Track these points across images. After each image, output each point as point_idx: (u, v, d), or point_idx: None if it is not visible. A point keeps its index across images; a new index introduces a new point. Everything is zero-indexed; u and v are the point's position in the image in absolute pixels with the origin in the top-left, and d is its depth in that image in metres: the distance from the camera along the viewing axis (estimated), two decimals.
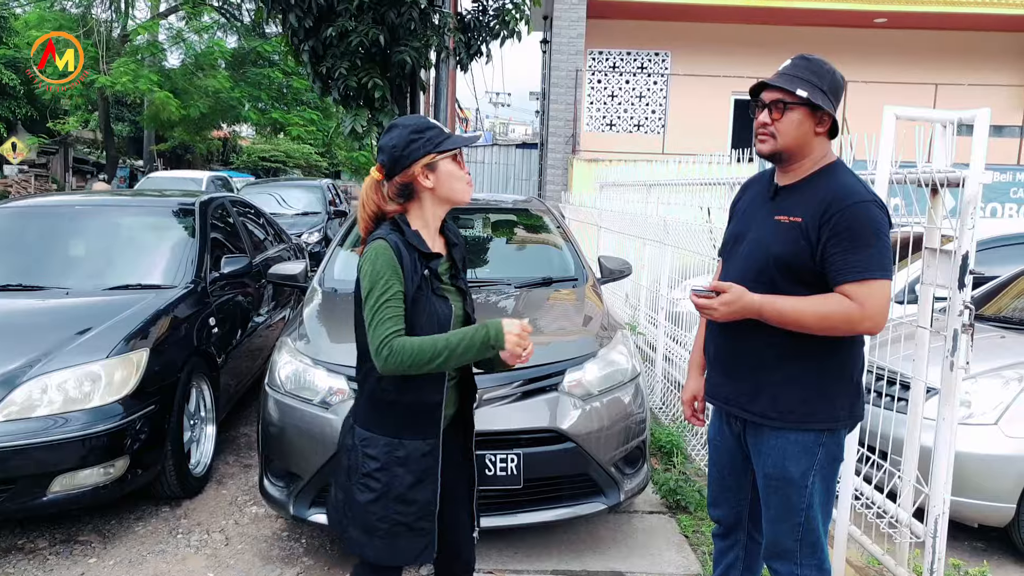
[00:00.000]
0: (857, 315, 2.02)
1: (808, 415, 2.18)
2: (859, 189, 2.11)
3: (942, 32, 14.90)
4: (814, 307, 2.06)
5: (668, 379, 5.45)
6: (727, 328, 2.24)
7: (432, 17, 8.14)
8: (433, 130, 2.07)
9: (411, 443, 2.06)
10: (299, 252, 7.38)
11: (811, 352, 2.14)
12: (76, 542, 3.66)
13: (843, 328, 2.07)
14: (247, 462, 4.67)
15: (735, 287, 2.11)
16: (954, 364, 2.62)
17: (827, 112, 2.15)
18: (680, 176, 5.45)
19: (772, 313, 2.09)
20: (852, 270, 2.03)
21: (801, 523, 2.23)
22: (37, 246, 4.77)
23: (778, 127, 2.15)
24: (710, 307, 2.12)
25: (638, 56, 15.60)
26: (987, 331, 4.15)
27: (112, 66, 20.89)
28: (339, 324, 3.97)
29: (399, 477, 2.05)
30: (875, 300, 2.02)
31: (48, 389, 3.41)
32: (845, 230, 2.04)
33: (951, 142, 2.77)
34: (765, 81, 2.17)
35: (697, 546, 3.60)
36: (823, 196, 2.10)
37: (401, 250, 2.01)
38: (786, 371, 2.18)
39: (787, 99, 2.13)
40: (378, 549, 2.08)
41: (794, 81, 2.12)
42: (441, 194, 2.09)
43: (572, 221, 9.52)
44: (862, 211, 2.05)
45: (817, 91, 2.12)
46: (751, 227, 2.29)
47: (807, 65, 2.16)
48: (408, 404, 2.07)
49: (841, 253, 2.04)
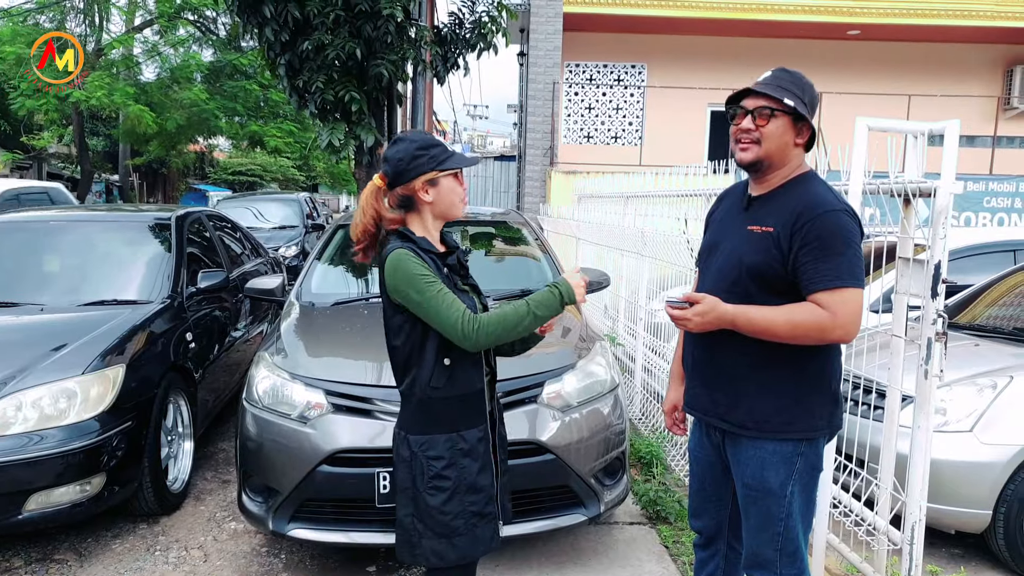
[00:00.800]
0: (828, 323, 2.03)
1: (786, 424, 2.19)
2: (830, 198, 2.13)
3: (915, 44, 15.15)
4: (786, 316, 2.07)
5: (647, 390, 5.47)
6: (704, 338, 2.26)
7: (409, 30, 8.16)
8: (438, 148, 2.17)
9: (469, 433, 2.18)
10: (276, 266, 7.34)
11: (788, 361, 2.16)
12: (52, 560, 3.61)
13: (815, 336, 2.08)
14: (225, 478, 4.62)
15: (708, 298, 2.13)
16: (928, 372, 2.66)
17: (807, 124, 2.17)
18: (657, 188, 5.49)
19: (744, 323, 2.11)
20: (823, 279, 2.04)
21: (780, 533, 2.24)
22: (11, 262, 4.71)
23: (763, 132, 2.16)
24: (684, 318, 2.14)
25: (615, 68, 15.72)
26: (961, 339, 4.21)
27: (86, 80, 20.70)
28: (317, 338, 3.96)
29: (467, 468, 2.16)
30: (846, 308, 2.04)
31: (23, 406, 3.37)
32: (816, 239, 2.06)
33: (923, 153, 2.82)
34: (751, 88, 2.19)
35: (677, 556, 3.60)
36: (794, 206, 2.12)
37: (420, 255, 2.10)
38: (763, 380, 2.20)
39: (773, 106, 2.14)
40: (460, 547, 2.15)
41: (780, 90, 2.15)
42: (438, 209, 2.19)
43: (551, 233, 9.55)
44: (832, 220, 2.07)
45: (800, 103, 2.15)
46: (725, 237, 2.31)
47: (789, 78, 2.18)
48: (459, 397, 2.16)
49: (812, 262, 2.06)
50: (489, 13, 9.14)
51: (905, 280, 2.82)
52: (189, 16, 23.96)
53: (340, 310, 4.30)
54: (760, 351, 2.15)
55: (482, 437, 2.20)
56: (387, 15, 7.52)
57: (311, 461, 3.18)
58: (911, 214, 2.81)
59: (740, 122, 2.20)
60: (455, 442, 2.15)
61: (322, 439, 3.20)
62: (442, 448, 2.14)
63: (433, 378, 2.13)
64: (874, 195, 2.90)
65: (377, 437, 3.16)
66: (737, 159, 2.24)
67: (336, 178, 33.17)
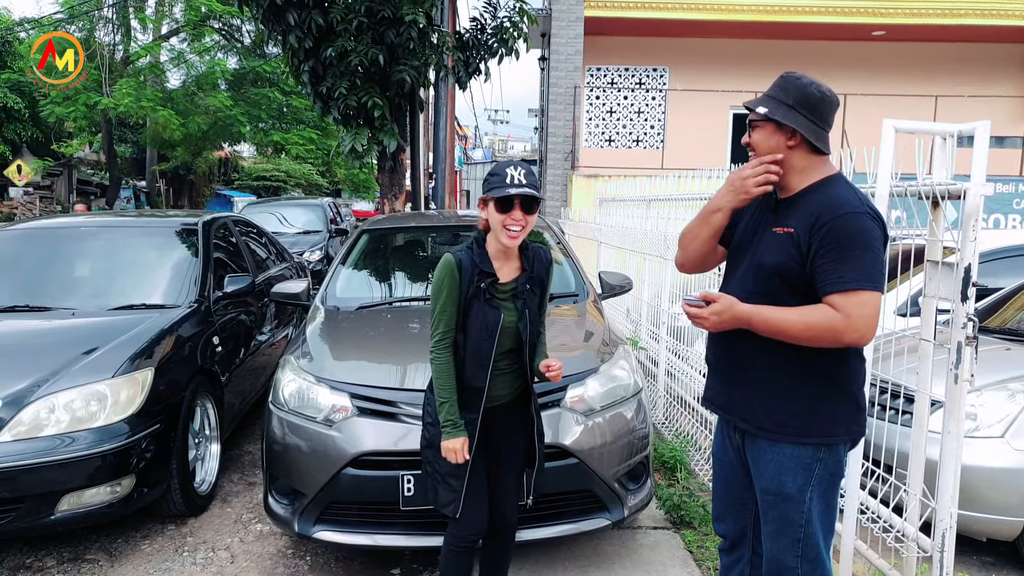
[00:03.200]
0: (842, 325, 2.01)
1: (804, 429, 2.18)
2: (851, 200, 2.11)
3: (941, 44, 14.96)
4: (800, 317, 2.06)
5: (671, 394, 5.45)
6: (726, 338, 2.26)
7: (431, 36, 8.21)
8: (496, 177, 2.51)
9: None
10: (301, 271, 7.40)
11: (808, 365, 2.14)
12: (84, 560, 3.66)
13: (828, 339, 2.06)
14: (252, 480, 4.67)
15: (725, 297, 2.13)
16: (959, 377, 2.62)
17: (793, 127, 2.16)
18: (680, 191, 5.47)
19: (760, 323, 2.11)
20: (838, 280, 2.03)
21: (800, 539, 2.22)
22: (43, 268, 4.79)
23: (753, 142, 2.24)
24: (701, 316, 2.15)
25: (636, 72, 15.68)
26: (992, 343, 4.15)
27: (115, 88, 21.01)
28: (342, 342, 3.98)
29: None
30: (861, 311, 2.01)
31: (55, 408, 3.43)
32: (833, 240, 2.05)
33: (951, 154, 2.78)
34: (744, 103, 2.28)
35: (702, 561, 3.58)
36: (815, 207, 2.12)
37: (464, 264, 2.53)
38: (782, 383, 2.19)
39: (754, 117, 2.22)
40: (423, 488, 2.67)
41: (762, 100, 2.20)
42: (491, 227, 2.54)
43: (572, 237, 9.56)
44: (852, 222, 2.05)
45: (781, 106, 2.16)
46: (752, 239, 2.31)
47: (780, 83, 2.22)
48: (460, 386, 2.56)
49: (828, 263, 2.05)
50: (511, 18, 9.18)
51: (934, 283, 2.79)
52: (214, 24, 24.27)
53: (365, 314, 4.33)
54: (780, 353, 2.14)
55: (469, 422, 2.56)
56: (409, 21, 7.57)
57: (336, 464, 3.20)
58: (940, 216, 2.78)
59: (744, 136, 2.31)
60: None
61: (347, 442, 3.22)
62: (434, 409, 2.58)
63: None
64: (901, 197, 2.87)
65: (401, 440, 3.18)
66: None
67: (357, 185, 33.40)
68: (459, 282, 2.51)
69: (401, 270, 5.16)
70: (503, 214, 2.47)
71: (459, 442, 2.53)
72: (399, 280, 5.01)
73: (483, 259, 2.55)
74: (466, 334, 2.54)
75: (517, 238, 2.49)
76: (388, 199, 9.14)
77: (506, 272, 2.59)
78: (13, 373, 3.55)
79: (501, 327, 2.53)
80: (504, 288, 2.58)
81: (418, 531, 3.23)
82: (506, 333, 2.55)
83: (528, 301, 2.60)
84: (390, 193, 9.12)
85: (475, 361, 2.54)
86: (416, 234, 5.46)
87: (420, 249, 5.35)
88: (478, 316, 2.52)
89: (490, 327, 2.52)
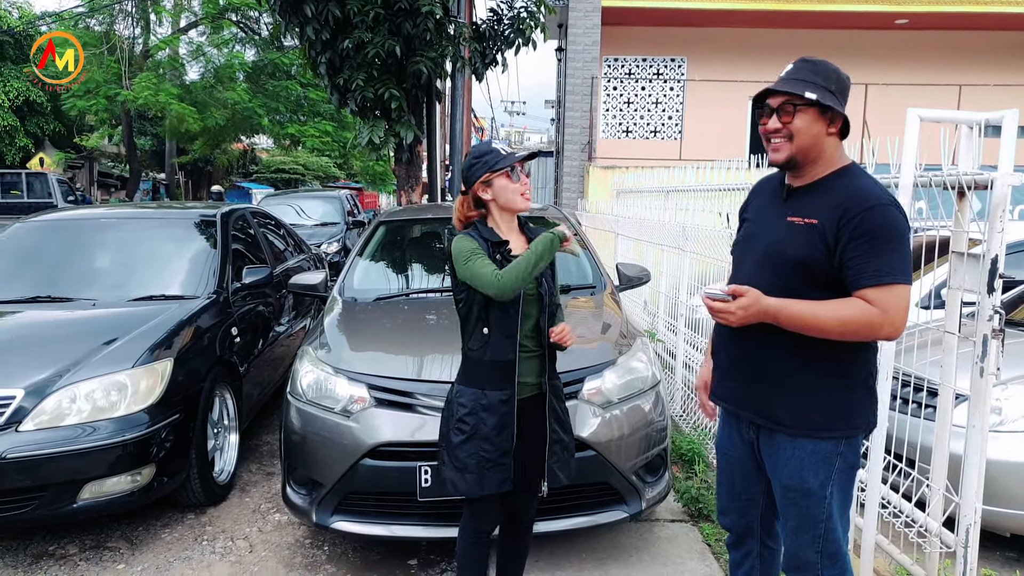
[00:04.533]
0: (878, 320, 1.98)
1: (825, 423, 2.15)
2: (877, 192, 2.07)
3: (965, 32, 14.75)
4: (833, 312, 2.02)
5: (688, 386, 5.42)
6: (742, 333, 2.20)
7: (447, 27, 8.18)
8: (490, 154, 2.57)
9: (492, 393, 2.55)
10: (319, 262, 7.42)
11: (828, 358, 2.11)
12: (105, 548, 3.70)
13: (863, 333, 2.03)
14: (270, 470, 4.69)
15: (752, 291, 2.07)
16: (984, 370, 2.58)
17: (837, 113, 2.11)
18: (698, 182, 5.43)
19: (787, 317, 2.06)
20: (873, 274, 1.99)
21: (821, 535, 2.19)
22: (64, 259, 4.84)
23: (791, 128, 2.11)
24: (726, 311, 2.08)
25: (654, 62, 15.59)
26: (1018, 336, 4.08)
27: (134, 81, 21.15)
28: (359, 333, 3.99)
29: (484, 420, 2.54)
30: (896, 304, 1.98)
31: (77, 398, 3.46)
32: (865, 233, 2.00)
33: (977, 144, 2.73)
34: (770, 88, 2.15)
35: (720, 555, 3.56)
36: (840, 199, 2.07)
37: (475, 239, 2.55)
38: (803, 378, 2.15)
39: (796, 101, 2.10)
40: (470, 483, 2.55)
41: (800, 85, 2.09)
42: (500, 204, 2.59)
43: (589, 228, 9.51)
44: (882, 214, 2.01)
45: (826, 92, 2.09)
46: (764, 229, 2.26)
47: (812, 68, 2.13)
48: (491, 362, 2.54)
49: (861, 256, 2.00)
50: (527, 8, 9.13)
51: (959, 275, 2.74)
52: (232, 16, 24.35)
53: (382, 305, 4.33)
54: (800, 348, 2.10)
55: (505, 400, 2.54)
56: (426, 12, 7.55)
57: (354, 454, 3.21)
58: (965, 207, 2.73)
59: (767, 122, 2.17)
60: (479, 397, 2.55)
61: (365, 433, 3.22)
62: (468, 399, 2.56)
63: (472, 341, 2.58)
64: (926, 188, 2.82)
65: (419, 431, 3.18)
66: (770, 160, 2.19)
67: (374, 177, 33.44)
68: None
69: (418, 262, 5.16)
70: (515, 182, 2.57)
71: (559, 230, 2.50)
72: (416, 271, 5.01)
73: (491, 233, 2.59)
74: (489, 308, 2.52)
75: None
76: (405, 191, 9.14)
77: (515, 245, 2.62)
78: (35, 363, 3.58)
79: (524, 295, 2.53)
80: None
81: (435, 522, 3.23)
82: (529, 302, 2.57)
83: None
84: (407, 185, 9.12)
85: (502, 333, 2.53)
86: (433, 226, 5.46)
87: (437, 241, 5.35)
88: None
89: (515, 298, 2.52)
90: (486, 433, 2.53)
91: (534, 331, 2.61)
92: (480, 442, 2.53)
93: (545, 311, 2.61)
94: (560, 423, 2.70)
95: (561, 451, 2.69)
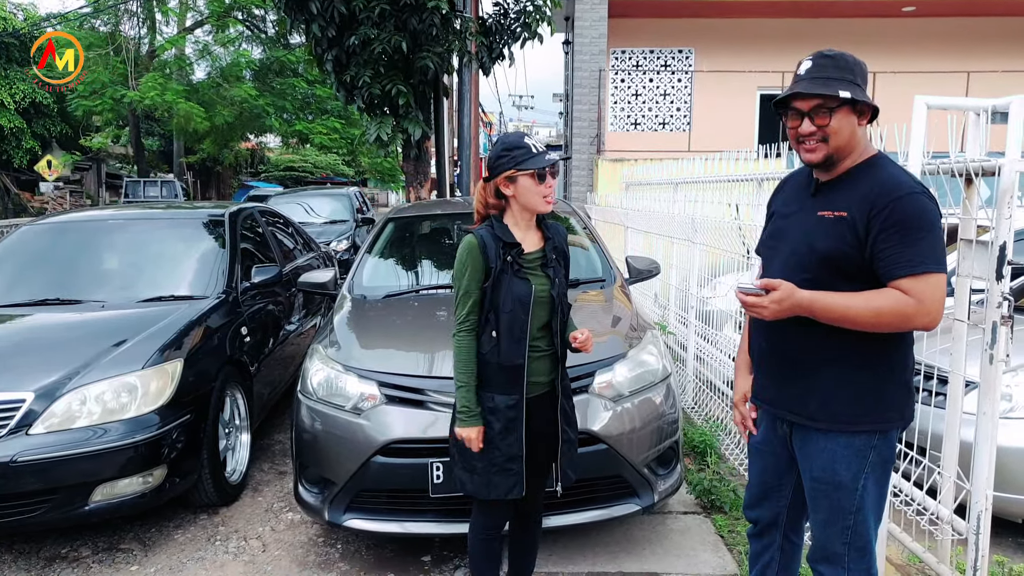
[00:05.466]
0: (912, 310, 1.96)
1: (858, 417, 2.13)
2: (906, 180, 2.04)
3: (972, 19, 14.63)
4: (867, 303, 2.00)
5: (700, 378, 5.41)
6: (773, 328, 2.18)
7: (454, 22, 8.18)
8: (520, 150, 2.49)
9: (500, 397, 2.52)
10: (328, 260, 7.43)
11: (861, 351, 2.09)
12: (118, 550, 3.72)
13: (897, 324, 2.00)
14: (282, 469, 4.71)
15: (785, 284, 2.04)
16: (993, 357, 2.57)
17: (867, 104, 2.08)
18: (707, 173, 5.41)
19: (821, 310, 2.03)
20: (907, 264, 1.96)
21: (851, 527, 2.18)
22: (73, 261, 4.86)
23: (829, 131, 2.07)
24: (760, 305, 2.05)
25: (661, 54, 15.53)
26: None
27: (140, 81, 21.24)
28: (369, 331, 3.99)
29: (490, 424, 2.52)
30: (932, 294, 1.96)
31: (87, 400, 3.48)
32: (897, 223, 1.97)
33: (985, 130, 2.71)
34: (800, 91, 2.08)
35: (733, 546, 3.56)
36: (869, 189, 2.04)
37: (486, 241, 2.51)
38: (835, 371, 2.13)
39: (831, 103, 2.05)
40: (477, 484, 2.56)
41: (831, 84, 2.05)
42: (520, 202, 2.53)
43: (598, 222, 9.50)
44: (913, 203, 1.98)
45: (856, 87, 2.06)
46: (793, 224, 2.24)
47: (834, 63, 2.08)
48: (499, 365, 2.51)
49: (894, 247, 1.98)
50: (534, 2, 9.11)
51: (967, 262, 2.73)
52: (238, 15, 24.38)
53: (391, 302, 4.34)
54: (832, 341, 2.08)
55: (512, 405, 2.52)
56: (432, 7, 7.54)
57: (365, 452, 3.21)
58: (973, 194, 2.71)
59: (797, 125, 2.12)
60: (486, 400, 2.53)
61: (376, 430, 3.23)
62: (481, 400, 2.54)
63: (482, 343, 2.53)
64: (933, 175, 2.80)
65: (430, 427, 3.18)
66: (805, 160, 2.15)
67: (381, 174, 33.48)
68: (484, 261, 2.49)
69: (427, 258, 5.16)
70: (540, 184, 2.49)
71: (475, 431, 2.51)
72: (425, 268, 5.01)
73: (505, 232, 2.53)
74: (498, 312, 2.49)
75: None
76: (413, 187, 9.14)
77: (529, 243, 2.58)
78: (45, 366, 3.60)
79: (534, 297, 2.50)
80: (531, 258, 2.57)
81: (448, 518, 3.24)
82: (539, 304, 2.53)
83: (556, 269, 2.60)
84: (415, 181, 9.12)
85: (511, 337, 2.49)
86: (442, 221, 5.46)
87: (446, 236, 5.35)
88: (509, 290, 2.49)
89: (523, 298, 2.49)
90: (492, 437, 2.52)
91: (545, 331, 2.58)
92: (486, 446, 2.53)
93: (557, 312, 2.58)
94: (569, 423, 2.69)
95: (569, 450, 2.68)
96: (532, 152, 2.48)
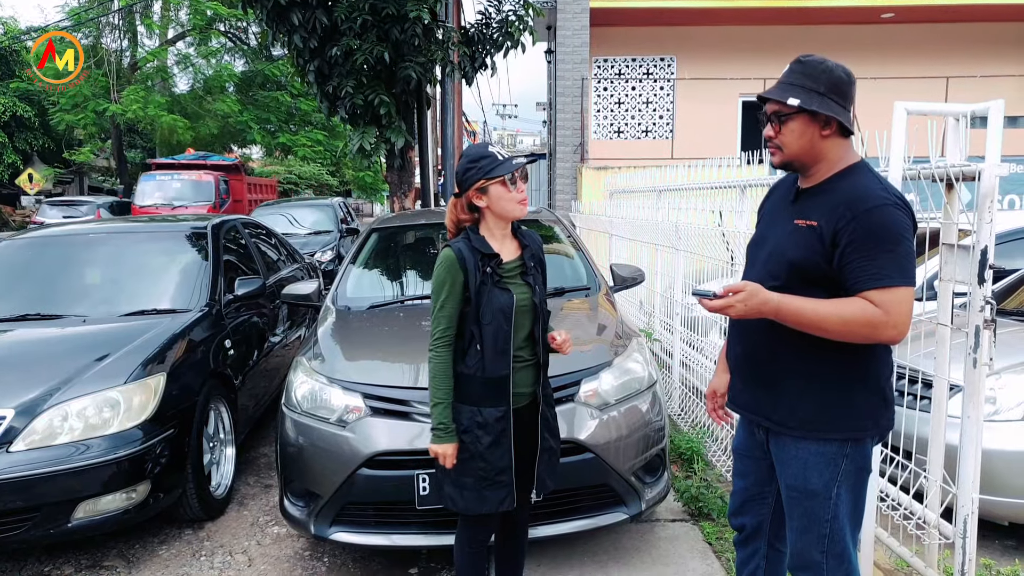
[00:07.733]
0: (881, 320, 1.94)
1: (829, 424, 2.12)
2: (876, 191, 2.02)
3: (951, 24, 14.80)
4: (836, 309, 1.99)
5: (686, 385, 5.41)
6: (746, 334, 2.20)
7: (436, 32, 8.19)
8: (486, 159, 2.48)
9: (488, 411, 2.50)
10: (312, 271, 7.40)
11: (832, 358, 2.08)
12: (102, 567, 3.67)
13: (864, 334, 1.99)
14: (267, 482, 4.67)
15: (750, 284, 2.04)
16: (977, 361, 2.58)
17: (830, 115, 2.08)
18: (690, 180, 5.42)
19: (790, 312, 2.03)
20: (872, 277, 1.95)
21: (826, 534, 2.17)
22: (53, 275, 4.81)
23: (781, 139, 2.11)
24: (727, 305, 2.04)
25: (643, 62, 15.60)
26: (1010, 325, 4.09)
27: (123, 94, 21.12)
28: (353, 342, 3.97)
29: (479, 439, 2.50)
30: (899, 308, 1.95)
31: (68, 416, 3.43)
32: (864, 235, 1.96)
33: (964, 135, 2.73)
34: (761, 95, 2.13)
35: (721, 553, 3.55)
36: (839, 200, 2.04)
37: (464, 254, 2.47)
38: (805, 378, 2.13)
39: (783, 110, 2.08)
40: (468, 500, 2.53)
41: (787, 90, 2.06)
42: (495, 211, 2.51)
43: (583, 230, 9.52)
44: (881, 215, 1.97)
45: (813, 95, 2.05)
46: (773, 231, 2.24)
47: (802, 69, 2.09)
48: (484, 379, 2.49)
49: (860, 259, 1.97)
50: (516, 11, 9.14)
51: (950, 267, 2.75)
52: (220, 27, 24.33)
53: (376, 313, 4.32)
54: (803, 347, 2.08)
55: (500, 417, 2.50)
56: (414, 18, 7.55)
57: (351, 465, 3.19)
58: (954, 199, 2.74)
59: (765, 129, 2.17)
60: (474, 415, 2.50)
61: (361, 442, 3.21)
62: (464, 417, 2.51)
63: (467, 358, 2.50)
64: (914, 181, 2.82)
65: (416, 439, 3.16)
66: (771, 163, 2.21)
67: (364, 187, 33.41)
68: (463, 274, 2.46)
69: (412, 268, 5.14)
70: (511, 190, 2.48)
71: (451, 447, 2.49)
72: (410, 278, 5.00)
73: (482, 243, 2.51)
74: (480, 325, 2.46)
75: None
76: (397, 197, 9.13)
77: (507, 252, 2.57)
78: (26, 382, 3.56)
79: (516, 307, 2.48)
80: (510, 267, 2.55)
81: (435, 530, 3.22)
82: (522, 312, 2.51)
83: (536, 277, 2.59)
84: (399, 191, 9.11)
85: (494, 349, 2.47)
86: (426, 231, 5.45)
87: (430, 246, 5.33)
88: (490, 301, 2.47)
89: (505, 309, 2.46)
90: (480, 452, 2.50)
91: (528, 341, 2.56)
92: (475, 461, 2.50)
93: (539, 320, 2.57)
94: (551, 431, 2.66)
95: (549, 458, 2.65)
96: (498, 159, 2.47)
